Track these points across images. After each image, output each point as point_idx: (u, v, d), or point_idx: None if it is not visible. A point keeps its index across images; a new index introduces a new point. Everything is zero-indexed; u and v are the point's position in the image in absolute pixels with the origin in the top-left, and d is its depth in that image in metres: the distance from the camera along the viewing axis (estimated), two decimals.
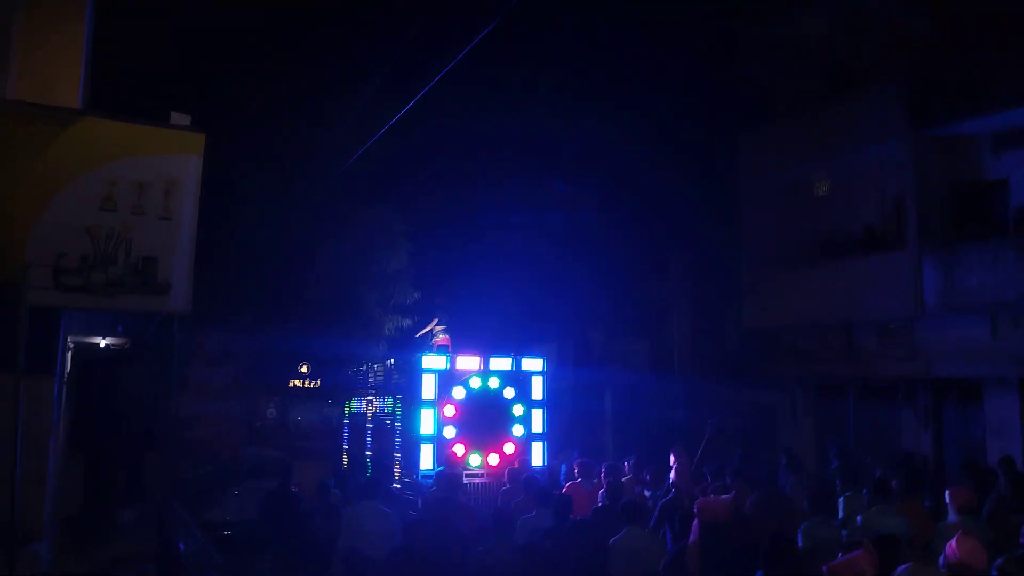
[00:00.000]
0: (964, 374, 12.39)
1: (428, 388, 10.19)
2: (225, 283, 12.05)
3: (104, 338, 10.49)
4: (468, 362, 10.51)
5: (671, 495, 8.09)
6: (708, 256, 18.21)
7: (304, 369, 22.40)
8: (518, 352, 11.26)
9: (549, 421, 11.40)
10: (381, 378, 12.28)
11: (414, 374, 10.43)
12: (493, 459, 10.10)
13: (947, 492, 6.56)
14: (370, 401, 12.52)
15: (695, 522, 6.44)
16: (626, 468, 10.33)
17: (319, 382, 19.36)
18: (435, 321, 12.61)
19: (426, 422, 10.11)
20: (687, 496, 7.99)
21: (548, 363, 11.93)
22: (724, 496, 7.05)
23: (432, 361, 10.36)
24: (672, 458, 9.91)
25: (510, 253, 18.64)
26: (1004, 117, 12.13)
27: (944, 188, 13.13)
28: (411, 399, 10.49)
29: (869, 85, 14.13)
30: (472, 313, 16.26)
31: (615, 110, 17.81)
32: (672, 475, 9.58)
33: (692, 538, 6.42)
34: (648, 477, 9.72)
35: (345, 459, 12.88)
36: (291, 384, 22.61)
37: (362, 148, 11.02)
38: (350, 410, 13.89)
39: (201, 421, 11.59)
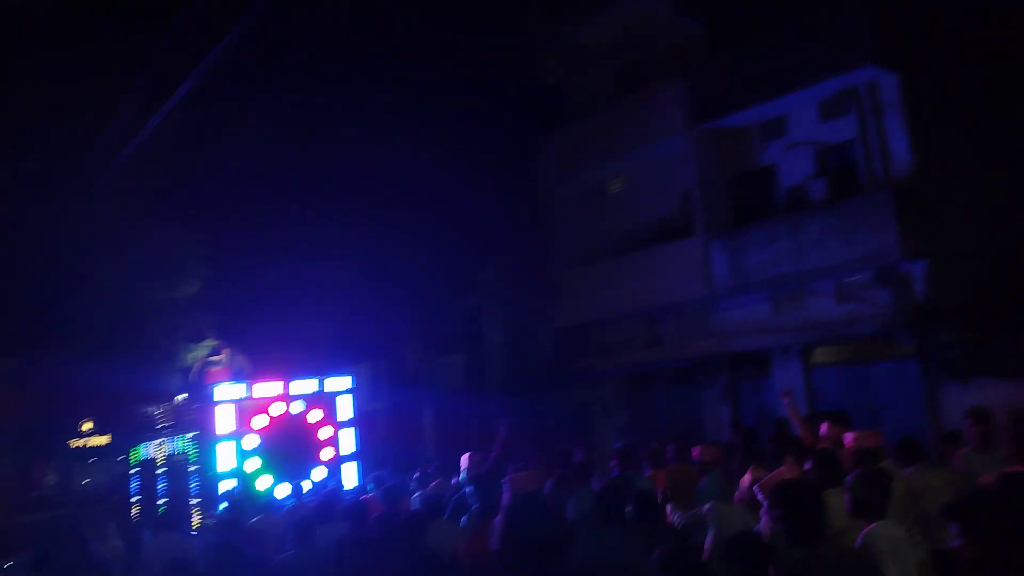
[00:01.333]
0: (754, 348, 13.17)
1: (225, 420, 9.45)
2: None
3: None
4: (268, 388, 9.86)
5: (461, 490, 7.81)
6: (518, 262, 18.38)
7: (87, 427, 19.95)
8: (325, 373, 10.65)
9: (365, 441, 10.97)
10: (172, 417, 11.23)
11: (208, 407, 9.57)
12: (304, 487, 9.39)
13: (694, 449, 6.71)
14: (160, 444, 11.38)
15: (504, 496, 6.22)
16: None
17: (110, 436, 17.31)
18: (215, 349, 11.66)
19: (225, 457, 9.34)
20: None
21: (362, 383, 11.41)
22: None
23: (227, 391, 9.60)
24: (464, 459, 9.66)
25: (314, 274, 17.81)
26: (766, 109, 13.17)
27: (724, 177, 14.04)
28: (207, 435, 9.61)
29: (653, 85, 14.92)
30: (277, 337, 15.29)
31: (413, 123, 17.64)
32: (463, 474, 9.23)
33: (501, 511, 6.19)
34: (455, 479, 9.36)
35: (135, 511, 11.49)
36: (73, 445, 20.05)
37: (128, 149, 9.95)
38: (137, 457, 12.51)
39: None
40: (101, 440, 18.34)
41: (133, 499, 11.77)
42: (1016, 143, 11.67)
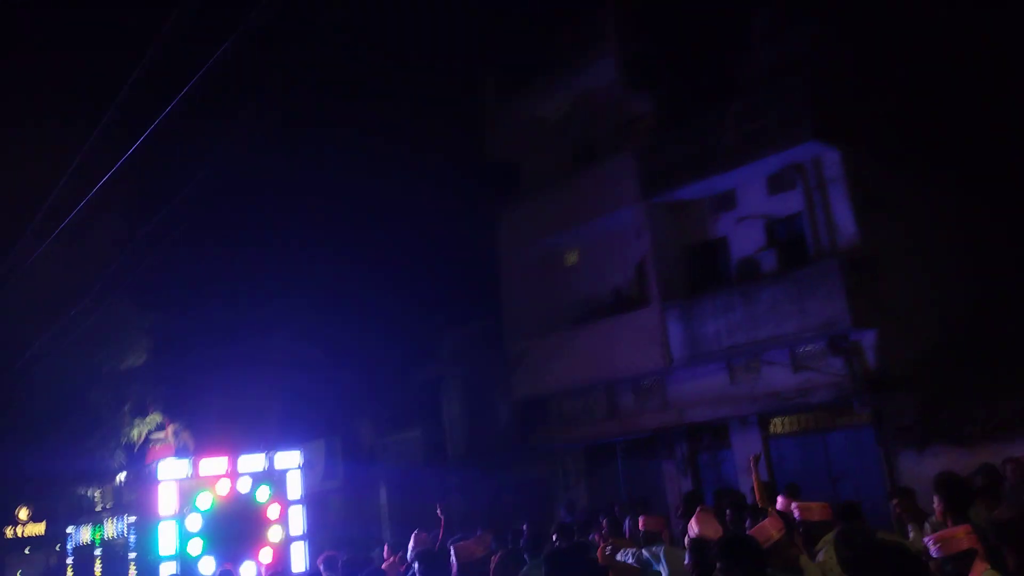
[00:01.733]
0: (711, 418, 13.14)
1: (167, 500, 9.00)
2: None
3: None
4: (214, 465, 9.44)
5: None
6: (475, 333, 18.28)
7: (23, 514, 18.81)
8: (273, 449, 10.37)
9: (317, 522, 10.64)
10: (111, 498, 10.72)
11: (150, 487, 9.18)
12: (248, 569, 9.01)
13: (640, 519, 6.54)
14: (98, 526, 10.83)
15: (453, 565, 6.05)
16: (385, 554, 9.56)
17: (43, 526, 16.39)
18: (159, 424, 11.25)
19: (166, 540, 8.86)
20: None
21: (315, 461, 10.95)
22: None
23: (170, 469, 9.15)
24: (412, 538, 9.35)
25: (264, 348, 17.46)
26: (715, 183, 13.50)
27: (677, 248, 14.24)
28: (148, 516, 9.34)
29: (604, 159, 15.23)
30: (224, 412, 14.83)
31: (369, 196, 17.74)
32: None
33: None
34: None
35: None
36: (8, 534, 18.78)
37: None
38: (73, 543, 11.84)
39: None
40: (37, 528, 17.38)
41: None
42: (959, 210, 12.11)
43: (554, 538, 7.19)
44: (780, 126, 12.30)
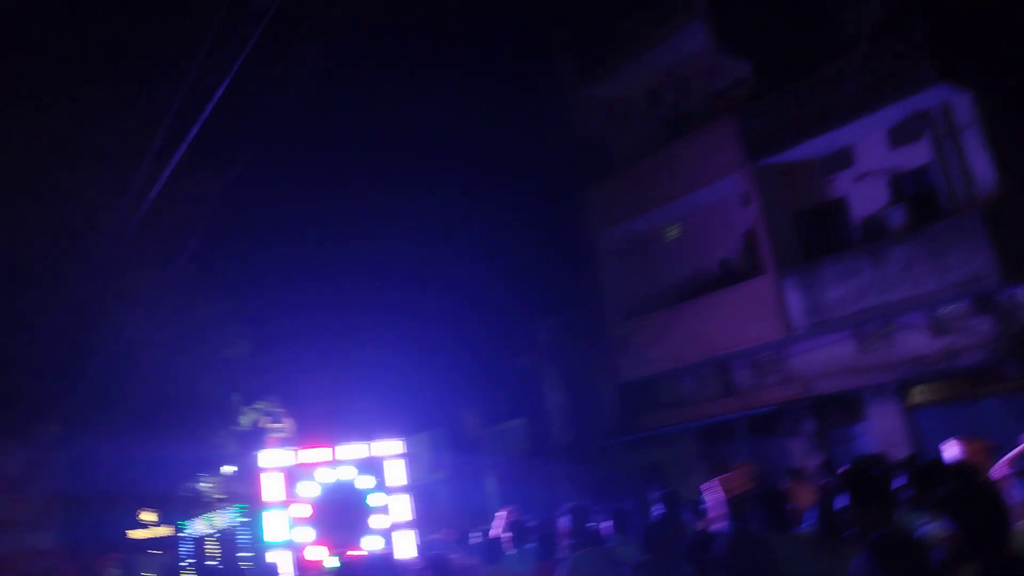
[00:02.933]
0: (840, 390, 12.30)
1: (272, 489, 9.07)
2: (20, 386, 10.03)
3: None
4: (316, 454, 9.48)
5: None
6: (572, 319, 17.80)
7: (147, 516, 19.44)
8: (373, 438, 10.28)
9: (425, 512, 10.45)
10: (222, 489, 10.86)
11: (255, 476, 9.24)
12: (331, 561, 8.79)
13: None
14: (210, 517, 10.99)
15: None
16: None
17: (163, 528, 16.79)
18: (270, 413, 11.27)
19: (274, 528, 8.93)
20: None
21: (420, 453, 10.81)
22: None
23: (274, 458, 9.26)
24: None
25: (366, 341, 17.40)
26: (828, 140, 12.63)
27: (789, 214, 13.42)
28: (255, 504, 9.42)
29: (702, 127, 14.51)
30: (327, 404, 14.82)
31: (458, 188, 17.45)
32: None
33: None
34: None
35: None
36: (133, 536, 19.47)
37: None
38: (188, 536, 12.02)
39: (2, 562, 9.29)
40: (163, 531, 17.85)
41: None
42: None
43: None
44: (900, 72, 11.39)
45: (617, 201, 15.85)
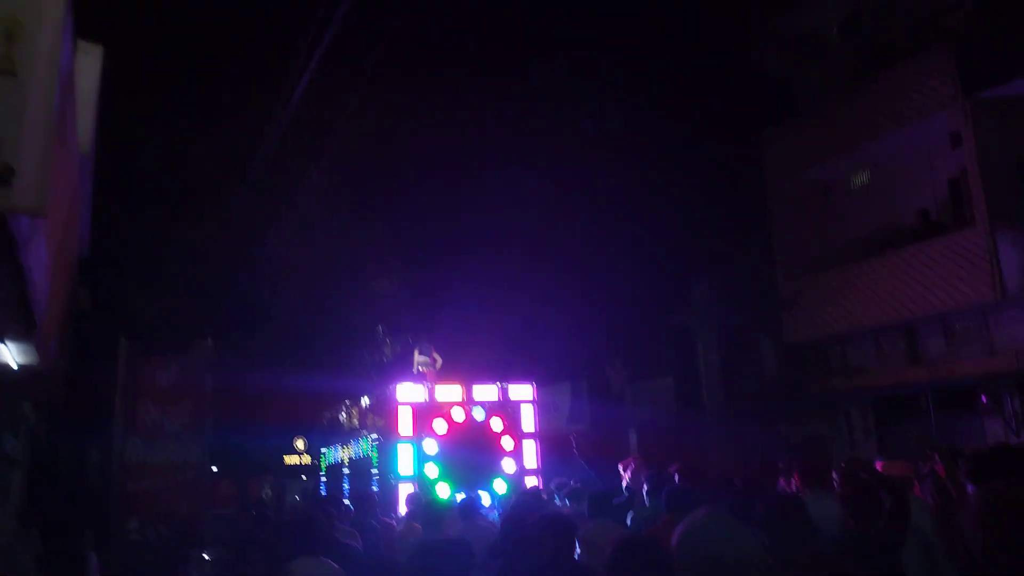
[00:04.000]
0: None
1: (405, 423, 9.20)
2: (179, 302, 10.22)
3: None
4: (449, 392, 9.56)
5: None
6: (736, 273, 16.42)
7: (301, 444, 20.24)
8: (506, 380, 10.10)
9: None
10: (357, 418, 10.90)
11: (390, 409, 9.38)
12: (483, 500, 8.68)
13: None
14: (346, 445, 11.10)
15: None
16: None
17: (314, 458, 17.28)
18: (417, 352, 11.01)
19: (404, 461, 9.06)
20: None
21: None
22: None
23: (408, 392, 9.35)
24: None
25: (516, 285, 16.82)
26: None
27: (1008, 158, 11.44)
28: (388, 437, 9.42)
29: (905, 60, 12.63)
30: (470, 343, 14.41)
31: (622, 120, 16.33)
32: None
33: None
34: None
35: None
36: (288, 462, 20.34)
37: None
38: (327, 461, 12.11)
39: (150, 471, 9.54)
40: (308, 459, 18.40)
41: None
42: None
43: None
44: None
45: (800, 144, 14.31)
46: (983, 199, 11.18)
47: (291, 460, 19.75)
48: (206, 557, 8.57)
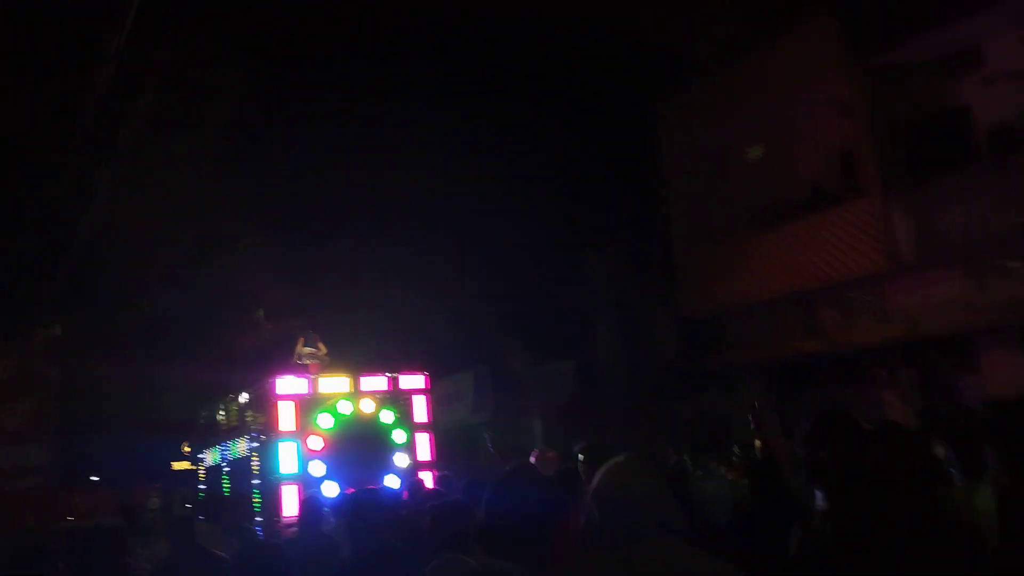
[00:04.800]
0: (950, 332, 10.48)
1: (286, 418, 8.55)
2: (18, 281, 8.90)
3: None
4: (335, 383, 8.94)
5: None
6: (632, 249, 16.12)
7: (187, 448, 18.80)
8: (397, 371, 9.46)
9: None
10: (235, 416, 10.05)
11: (270, 404, 8.64)
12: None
13: None
14: (225, 446, 10.19)
15: None
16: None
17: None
18: (301, 341, 10.17)
19: (287, 459, 8.43)
20: None
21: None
22: None
23: (289, 385, 8.70)
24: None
25: (397, 266, 15.91)
26: (950, 34, 10.60)
27: (898, 126, 11.45)
28: (270, 434, 8.68)
29: (795, 28, 12.49)
30: (355, 330, 13.53)
31: (511, 89, 15.63)
32: None
33: None
34: None
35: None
36: (177, 468, 18.83)
37: None
38: (207, 463, 11.12)
39: None
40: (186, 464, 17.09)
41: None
42: None
43: None
44: None
45: (692, 114, 14.02)
46: (874, 168, 11.14)
47: (180, 466, 18.36)
48: None
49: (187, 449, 17.39)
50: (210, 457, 10.66)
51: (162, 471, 17.58)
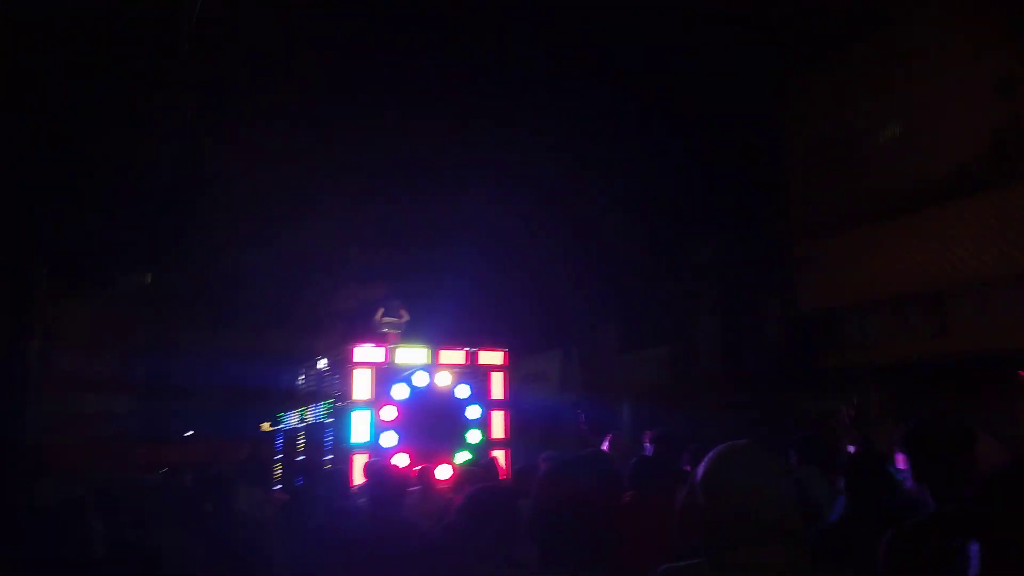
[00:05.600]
0: None
1: (362, 386, 8.66)
2: (108, 226, 8.79)
3: None
4: (412, 354, 9.04)
5: None
6: (741, 236, 15.09)
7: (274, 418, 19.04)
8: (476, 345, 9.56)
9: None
10: (314, 381, 10.07)
11: (346, 371, 8.78)
12: (443, 472, 8.08)
13: None
14: (302, 411, 10.25)
15: None
16: None
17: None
18: (381, 310, 9.98)
19: (359, 428, 8.52)
20: None
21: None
22: None
23: (366, 354, 8.82)
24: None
25: (505, 249, 15.34)
26: None
27: None
28: (344, 401, 8.81)
29: None
30: (457, 311, 13.06)
31: (622, 69, 14.75)
32: None
33: None
34: None
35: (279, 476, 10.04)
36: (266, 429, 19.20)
37: None
38: (286, 427, 11.05)
39: (70, 424, 8.27)
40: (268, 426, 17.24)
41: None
42: None
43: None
44: None
45: (820, 92, 12.93)
46: None
47: (267, 427, 18.63)
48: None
49: (266, 426, 17.56)
50: (289, 421, 10.62)
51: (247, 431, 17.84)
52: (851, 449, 5.47)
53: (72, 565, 4.24)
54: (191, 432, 13.36)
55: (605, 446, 6.91)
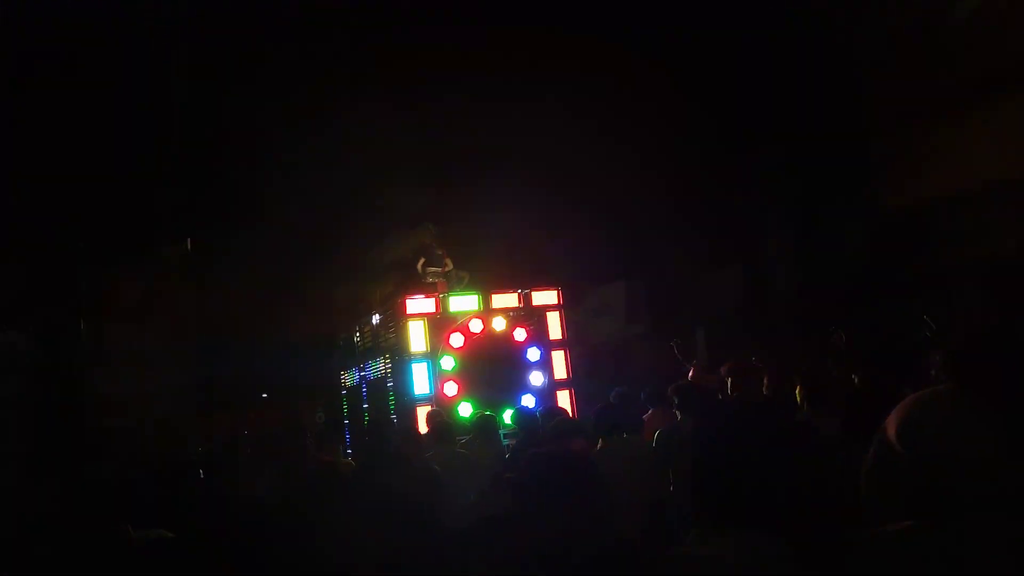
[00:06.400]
0: None
1: (417, 338, 8.65)
2: (139, 196, 8.39)
3: None
4: (464, 302, 9.02)
5: None
6: (810, 136, 13.88)
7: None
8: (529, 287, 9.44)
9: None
10: (370, 337, 9.97)
11: (400, 324, 8.76)
12: (509, 417, 7.95)
13: None
14: (363, 367, 10.19)
15: None
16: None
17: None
18: (422, 260, 9.58)
19: (419, 380, 8.52)
20: None
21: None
22: None
23: (418, 305, 8.75)
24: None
25: (551, 169, 14.44)
26: None
27: None
28: (400, 355, 8.82)
29: None
30: (510, 249, 12.40)
31: None
32: None
33: None
34: None
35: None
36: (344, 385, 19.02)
37: None
38: (345, 387, 10.87)
39: (128, 403, 8.04)
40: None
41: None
42: None
43: None
44: None
45: None
46: None
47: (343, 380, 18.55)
48: None
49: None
50: (349, 379, 10.43)
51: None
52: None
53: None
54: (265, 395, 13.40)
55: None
